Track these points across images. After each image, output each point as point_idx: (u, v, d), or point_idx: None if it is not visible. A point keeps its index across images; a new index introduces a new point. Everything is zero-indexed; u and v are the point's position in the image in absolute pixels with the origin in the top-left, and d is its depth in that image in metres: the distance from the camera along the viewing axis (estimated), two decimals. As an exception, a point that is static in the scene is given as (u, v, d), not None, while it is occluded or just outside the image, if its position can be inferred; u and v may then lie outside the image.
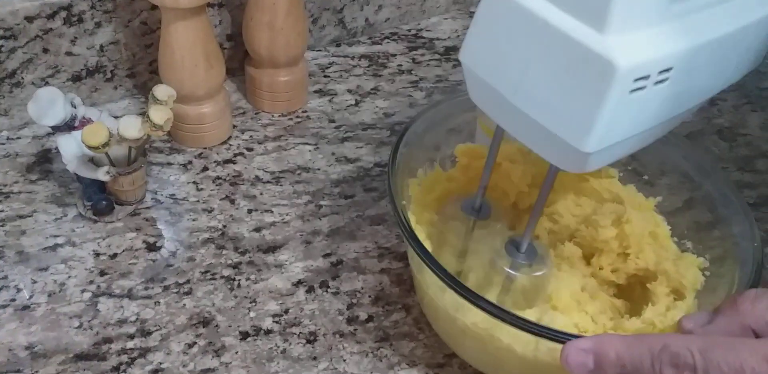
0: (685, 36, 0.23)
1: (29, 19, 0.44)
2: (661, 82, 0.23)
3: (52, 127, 0.38)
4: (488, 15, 0.24)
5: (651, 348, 0.22)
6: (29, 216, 0.42)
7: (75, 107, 0.39)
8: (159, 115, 0.37)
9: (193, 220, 0.43)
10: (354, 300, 0.39)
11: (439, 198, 0.39)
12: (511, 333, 0.29)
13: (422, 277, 0.34)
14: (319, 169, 0.47)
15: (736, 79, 0.28)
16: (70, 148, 0.39)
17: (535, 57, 0.23)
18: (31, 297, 0.38)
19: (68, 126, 0.39)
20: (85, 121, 0.39)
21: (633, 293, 0.36)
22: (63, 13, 0.45)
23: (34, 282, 0.39)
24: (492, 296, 0.32)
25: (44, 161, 0.46)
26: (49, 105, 0.37)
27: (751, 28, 0.25)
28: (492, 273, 0.32)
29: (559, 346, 0.26)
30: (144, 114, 0.38)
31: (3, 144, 0.47)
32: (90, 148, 0.36)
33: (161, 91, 0.38)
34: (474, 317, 0.31)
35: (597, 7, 0.21)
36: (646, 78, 0.22)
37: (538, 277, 0.32)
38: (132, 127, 0.36)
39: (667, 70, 0.23)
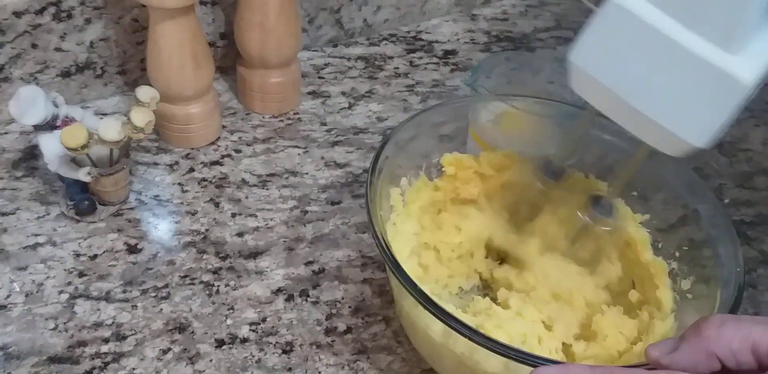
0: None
1: (17, 14, 0.43)
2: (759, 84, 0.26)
3: (34, 126, 0.38)
4: (608, 24, 0.26)
5: None
6: (12, 214, 0.42)
7: (57, 106, 0.38)
8: (140, 117, 0.36)
9: (176, 223, 0.43)
10: (333, 311, 0.39)
11: (423, 208, 0.38)
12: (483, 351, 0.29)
13: (399, 292, 0.33)
14: (307, 174, 0.47)
15: None
16: (51, 147, 0.38)
17: (659, 68, 0.26)
18: (8, 296, 0.38)
19: (50, 125, 0.38)
20: (68, 121, 0.39)
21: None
22: (52, 9, 0.44)
23: (12, 281, 0.38)
24: (562, 246, 0.35)
25: (30, 158, 0.46)
26: (30, 103, 0.36)
27: None
28: (568, 224, 0.35)
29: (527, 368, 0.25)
30: (126, 115, 0.37)
31: (-10, 139, 0.47)
32: (69, 149, 0.36)
33: (143, 92, 0.38)
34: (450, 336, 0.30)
35: (723, 29, 0.24)
36: (756, 85, 0.25)
37: (610, 231, 0.34)
38: (112, 130, 0.36)
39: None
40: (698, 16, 0.24)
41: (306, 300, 0.39)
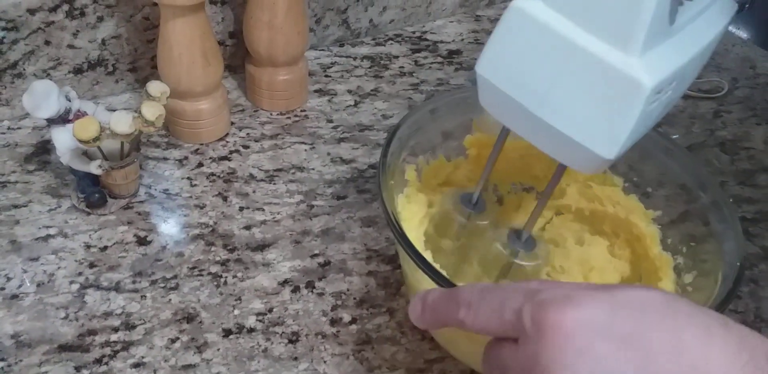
0: (682, 50, 0.25)
1: (31, 12, 0.44)
2: (663, 93, 0.25)
3: (47, 120, 0.39)
4: (511, 31, 0.26)
5: (449, 296, 0.25)
6: (24, 207, 0.43)
7: (70, 100, 0.39)
8: (151, 111, 0.37)
9: (185, 216, 0.43)
10: (339, 302, 0.39)
11: (440, 185, 0.39)
12: None
13: (412, 275, 0.34)
14: (313, 169, 0.48)
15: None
16: (64, 140, 0.39)
17: (562, 74, 0.25)
18: (20, 286, 0.38)
19: (62, 119, 0.39)
20: (80, 115, 0.40)
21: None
22: (65, 7, 0.45)
23: (25, 271, 0.39)
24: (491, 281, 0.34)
25: (42, 152, 0.46)
26: (43, 97, 0.37)
27: (718, 35, 0.27)
28: (493, 260, 0.34)
29: None
30: (137, 109, 0.38)
31: (3, 133, 0.48)
32: (81, 142, 0.37)
33: (154, 87, 0.39)
34: None
35: (623, 32, 0.23)
36: (660, 92, 0.24)
37: (534, 266, 0.34)
38: (123, 123, 0.36)
39: (671, 83, 0.25)
40: (598, 18, 0.23)
41: (312, 291, 0.40)
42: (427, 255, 0.33)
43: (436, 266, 0.30)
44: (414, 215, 0.37)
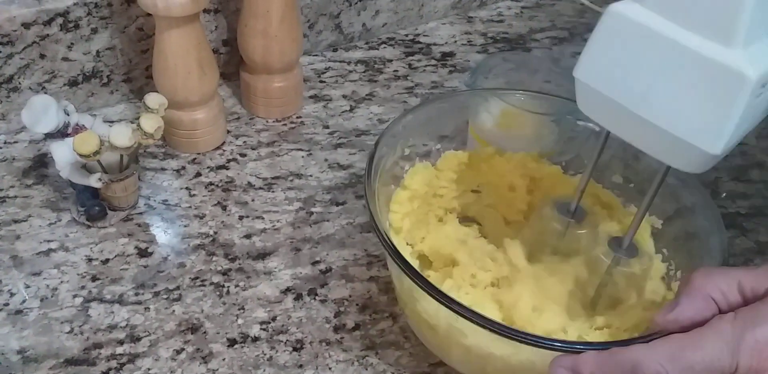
0: None
1: (26, 26, 0.44)
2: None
3: (46, 134, 0.39)
4: (610, 35, 0.26)
5: (623, 369, 0.23)
6: (24, 221, 0.43)
7: (68, 114, 0.39)
8: (150, 123, 0.37)
9: (185, 226, 0.44)
10: (341, 308, 0.39)
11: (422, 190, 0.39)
12: (489, 337, 0.30)
13: (401, 286, 0.34)
14: (311, 176, 0.48)
15: None
16: (63, 154, 0.39)
17: (662, 72, 0.25)
18: (24, 301, 0.38)
19: (61, 133, 0.39)
20: (78, 128, 0.40)
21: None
22: (59, 20, 0.45)
23: (27, 286, 0.39)
24: (592, 288, 0.34)
25: (40, 166, 0.47)
26: (42, 112, 0.37)
27: None
28: (595, 267, 0.34)
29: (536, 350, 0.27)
30: (136, 122, 0.38)
31: (0, 148, 0.48)
32: (81, 156, 0.37)
33: (152, 99, 0.39)
34: (453, 321, 0.31)
35: (724, 25, 0.24)
36: (765, 85, 0.24)
37: (636, 273, 0.34)
38: (123, 136, 0.37)
39: None
40: (697, 15, 0.24)
41: (314, 298, 0.40)
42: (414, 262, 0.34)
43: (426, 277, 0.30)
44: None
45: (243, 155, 0.49)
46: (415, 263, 0.37)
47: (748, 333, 0.22)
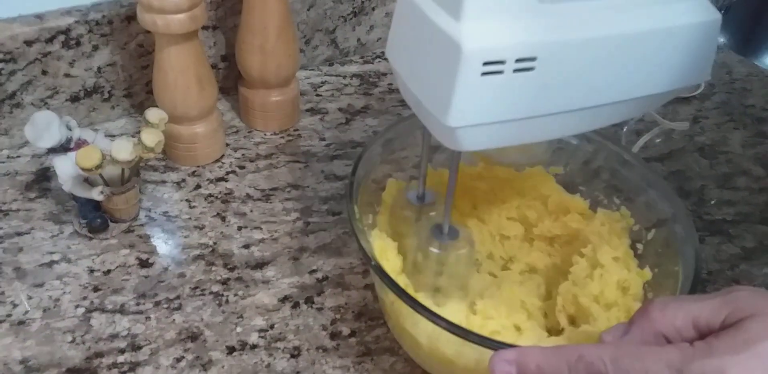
0: (554, 29, 0.24)
1: (28, 43, 0.45)
2: (523, 70, 0.24)
3: (48, 149, 0.40)
4: (398, 13, 0.27)
5: (568, 359, 0.24)
6: (27, 234, 0.44)
7: (70, 129, 0.40)
8: (150, 137, 0.38)
9: (185, 237, 0.45)
10: (338, 316, 0.40)
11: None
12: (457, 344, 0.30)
13: (386, 297, 0.35)
14: (308, 187, 0.49)
15: (666, 87, 0.28)
16: (65, 168, 0.40)
17: (417, 43, 0.26)
18: (26, 312, 0.39)
19: (64, 147, 0.40)
20: (81, 143, 0.41)
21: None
22: (61, 37, 0.46)
23: (30, 297, 0.40)
24: (428, 276, 0.35)
25: (43, 179, 0.48)
26: (45, 128, 0.39)
27: (653, 35, 0.26)
28: (424, 254, 0.35)
29: None
30: (137, 136, 0.39)
31: (3, 162, 0.49)
32: (84, 170, 0.38)
33: (153, 114, 0.40)
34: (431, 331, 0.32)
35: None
36: (500, 63, 0.24)
37: (461, 255, 0.34)
38: (124, 150, 0.38)
39: (530, 60, 0.24)
40: None
41: (311, 306, 0.41)
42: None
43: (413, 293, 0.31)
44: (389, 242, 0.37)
45: (242, 167, 0.50)
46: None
47: (696, 363, 0.22)
